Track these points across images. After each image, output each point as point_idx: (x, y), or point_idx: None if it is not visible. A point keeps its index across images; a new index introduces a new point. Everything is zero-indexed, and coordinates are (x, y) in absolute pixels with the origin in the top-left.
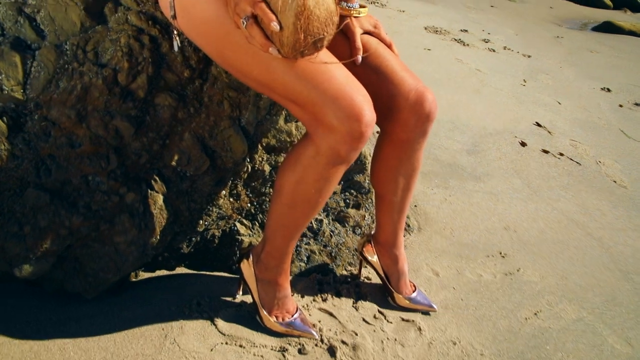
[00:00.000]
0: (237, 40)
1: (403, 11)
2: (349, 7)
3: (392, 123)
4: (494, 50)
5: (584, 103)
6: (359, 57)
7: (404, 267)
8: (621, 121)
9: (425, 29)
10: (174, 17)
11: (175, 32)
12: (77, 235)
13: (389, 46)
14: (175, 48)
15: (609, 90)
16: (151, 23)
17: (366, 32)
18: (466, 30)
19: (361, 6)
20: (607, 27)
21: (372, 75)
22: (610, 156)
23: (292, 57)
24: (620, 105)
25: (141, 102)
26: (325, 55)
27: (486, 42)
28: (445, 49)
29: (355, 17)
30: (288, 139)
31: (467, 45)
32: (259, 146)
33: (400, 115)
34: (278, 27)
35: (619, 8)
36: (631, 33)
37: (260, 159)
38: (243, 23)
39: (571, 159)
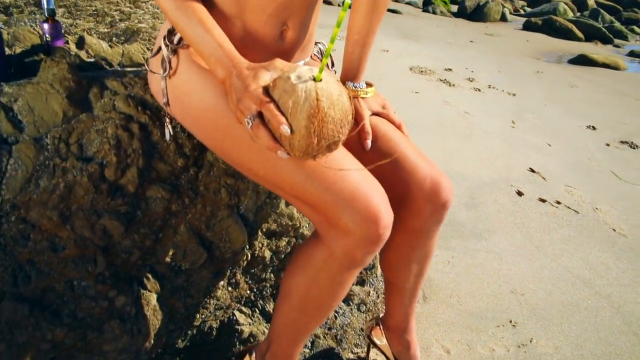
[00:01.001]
0: (239, 135)
1: (387, 51)
2: (355, 87)
3: (405, 211)
4: (479, 90)
5: (573, 143)
6: (369, 142)
7: (417, 353)
8: (610, 161)
9: (411, 69)
10: (167, 104)
11: (167, 119)
12: (61, 348)
13: (399, 127)
14: (167, 137)
15: (594, 128)
16: (140, 109)
17: (374, 113)
18: (450, 69)
19: (368, 85)
20: (582, 60)
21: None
22: (605, 201)
23: (303, 159)
24: (607, 144)
25: (131, 197)
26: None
27: (471, 80)
28: (433, 90)
29: (362, 97)
30: (290, 223)
31: (453, 85)
32: (259, 232)
33: (414, 204)
34: (289, 131)
35: (590, 40)
36: (604, 65)
37: (260, 244)
38: (248, 123)
39: (568, 207)
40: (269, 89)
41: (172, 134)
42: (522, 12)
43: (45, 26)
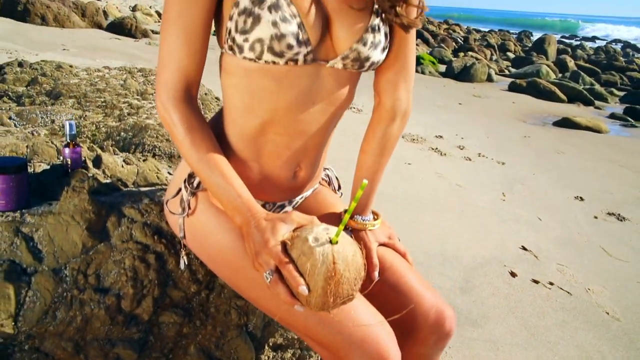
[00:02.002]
0: (255, 278)
1: None
2: (363, 220)
3: (410, 340)
4: (470, 159)
5: (562, 217)
6: (376, 274)
7: None
8: (600, 236)
9: (403, 137)
10: (184, 237)
11: (183, 251)
12: None
13: (404, 255)
14: (182, 266)
15: (582, 199)
16: (157, 237)
17: (381, 244)
18: (441, 136)
19: (375, 215)
20: (566, 123)
21: (390, 293)
22: (597, 281)
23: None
24: (595, 217)
25: (145, 324)
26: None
27: (461, 149)
28: (425, 161)
29: (370, 230)
30: (295, 336)
31: (445, 154)
32: (266, 345)
33: (419, 334)
34: (307, 291)
35: (573, 102)
36: (587, 128)
37: (266, 357)
38: (267, 278)
39: (561, 289)
40: (287, 246)
41: (186, 263)
42: (507, 72)
43: (67, 150)
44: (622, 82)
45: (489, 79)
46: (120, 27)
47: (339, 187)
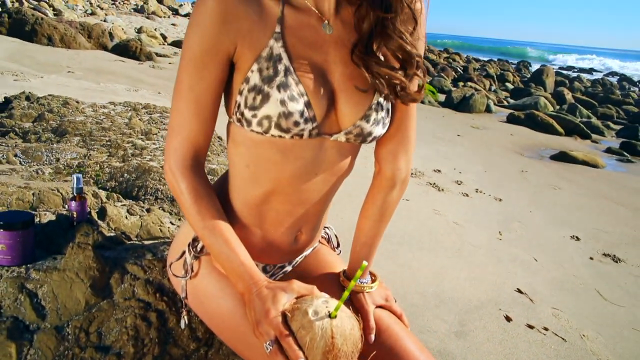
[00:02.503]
0: (254, 343)
1: None
2: (361, 282)
3: None
4: (467, 195)
5: (558, 257)
6: (372, 337)
7: None
8: (595, 278)
9: None
10: (186, 298)
11: (184, 310)
12: None
13: (400, 317)
14: (183, 325)
15: (577, 238)
16: (159, 295)
17: (378, 306)
18: (439, 170)
19: (372, 276)
20: (563, 157)
21: (386, 356)
22: (592, 326)
23: None
24: (591, 258)
25: None
26: None
27: (459, 184)
28: (422, 197)
29: (367, 292)
30: None
31: (442, 190)
32: None
33: None
34: None
35: (570, 135)
36: (584, 163)
37: None
38: (267, 348)
39: (556, 334)
40: (287, 318)
41: (187, 323)
42: (505, 103)
43: (73, 203)
44: (619, 115)
45: (488, 109)
46: (125, 49)
47: (338, 245)
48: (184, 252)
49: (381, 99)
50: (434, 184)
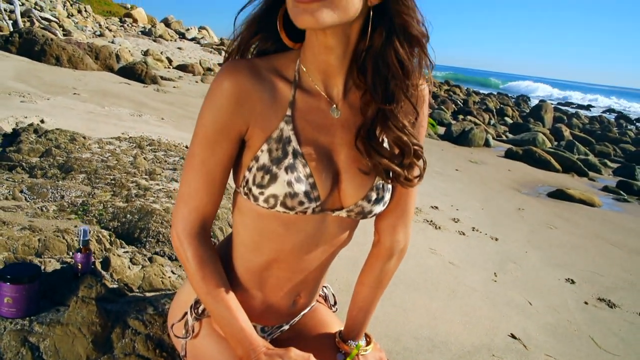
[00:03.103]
0: None
1: None
2: (355, 345)
3: None
4: (464, 234)
5: (553, 301)
6: None
7: None
8: (589, 324)
9: None
10: (185, 356)
11: None
12: None
13: None
14: None
15: (572, 282)
16: (158, 351)
17: None
18: (437, 207)
19: (367, 338)
20: (560, 195)
21: None
22: None
23: None
24: (586, 303)
25: None
26: None
27: (456, 221)
28: (420, 235)
29: (362, 354)
30: None
31: (439, 228)
32: None
33: None
34: None
35: (567, 172)
36: (581, 201)
37: None
38: None
39: None
40: None
41: None
42: (504, 137)
43: (79, 255)
44: (616, 153)
45: (487, 143)
46: (131, 72)
47: (335, 303)
48: (185, 314)
49: (382, 181)
50: (431, 221)
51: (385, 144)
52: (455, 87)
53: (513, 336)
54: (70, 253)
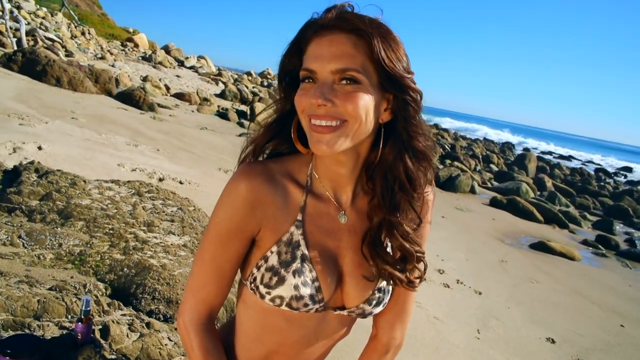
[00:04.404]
0: None
1: None
2: None
3: None
4: (448, 286)
5: None
6: None
7: None
8: None
9: None
10: None
11: None
12: None
13: None
14: None
15: (553, 341)
16: None
17: None
18: None
19: None
20: (542, 247)
21: None
22: None
23: None
24: None
25: None
26: None
27: (441, 273)
28: None
29: None
30: None
31: (425, 279)
32: None
33: None
34: None
35: (549, 223)
36: (562, 255)
37: None
38: None
39: None
40: None
41: None
42: (489, 185)
43: (79, 325)
44: (595, 206)
45: (472, 190)
46: (129, 98)
47: None
48: None
49: (384, 284)
50: None
51: (389, 249)
52: (443, 131)
53: None
54: (69, 316)
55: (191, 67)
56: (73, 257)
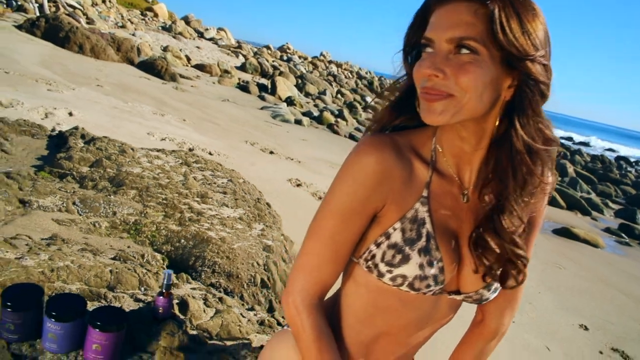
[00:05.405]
0: None
1: None
2: None
3: None
4: None
5: (569, 348)
6: None
7: None
8: None
9: None
10: None
11: None
12: None
13: None
14: None
15: (586, 328)
16: None
17: None
18: None
19: None
20: (566, 233)
21: None
22: None
23: None
24: (601, 352)
25: None
26: None
27: None
28: None
29: None
30: None
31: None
32: None
33: None
34: None
35: (571, 209)
36: (585, 241)
37: None
38: None
39: None
40: None
41: None
42: None
43: (161, 299)
44: (617, 194)
45: None
46: (150, 67)
47: None
48: None
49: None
50: None
51: (496, 240)
52: None
53: None
54: (142, 289)
55: (211, 39)
56: (128, 227)
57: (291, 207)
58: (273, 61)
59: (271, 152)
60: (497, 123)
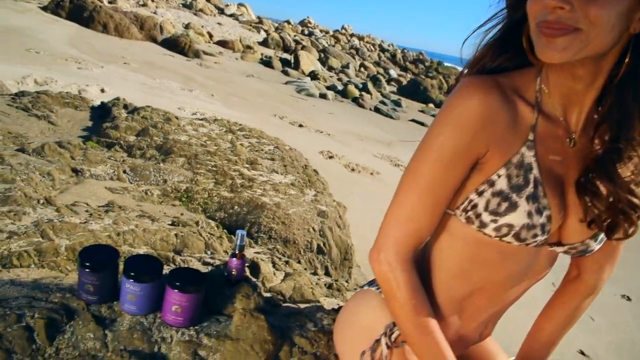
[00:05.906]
0: None
1: None
2: None
3: None
4: None
5: (614, 318)
6: None
7: None
8: None
9: None
10: None
11: None
12: None
13: None
14: None
15: (629, 299)
16: None
17: None
18: None
19: None
20: None
21: None
22: None
23: None
24: None
25: None
26: None
27: None
28: None
29: None
30: None
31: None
32: None
33: None
34: None
35: None
36: None
37: None
38: None
39: None
40: None
41: None
42: None
43: (234, 261)
44: None
45: None
46: (174, 44)
47: None
48: (376, 342)
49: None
50: None
51: (604, 187)
52: None
53: (582, 353)
54: (209, 252)
55: (231, 15)
56: (180, 194)
57: (325, 178)
58: (295, 36)
59: (300, 125)
60: (626, 60)
